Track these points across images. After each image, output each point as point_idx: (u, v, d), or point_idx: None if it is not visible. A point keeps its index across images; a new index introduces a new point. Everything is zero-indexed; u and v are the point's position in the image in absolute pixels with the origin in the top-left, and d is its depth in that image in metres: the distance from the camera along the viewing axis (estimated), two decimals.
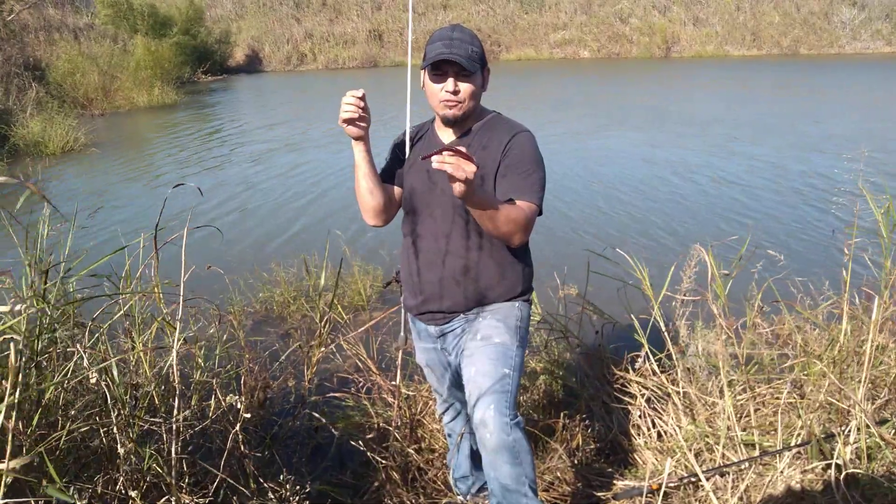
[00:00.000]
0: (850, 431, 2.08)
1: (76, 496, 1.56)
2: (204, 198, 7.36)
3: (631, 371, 2.67)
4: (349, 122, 1.72)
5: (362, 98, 1.71)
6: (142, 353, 2.04)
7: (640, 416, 2.56)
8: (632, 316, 2.63)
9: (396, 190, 1.97)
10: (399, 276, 2.09)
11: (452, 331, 1.99)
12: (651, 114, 12.62)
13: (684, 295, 2.60)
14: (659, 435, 2.49)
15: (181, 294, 1.96)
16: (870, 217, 2.51)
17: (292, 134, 11.70)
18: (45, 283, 1.84)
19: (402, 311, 2.12)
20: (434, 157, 1.47)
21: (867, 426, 2.06)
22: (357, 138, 1.77)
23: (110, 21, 18.96)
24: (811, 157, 8.50)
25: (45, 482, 1.35)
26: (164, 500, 1.77)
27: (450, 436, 2.33)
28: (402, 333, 2.18)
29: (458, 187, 1.50)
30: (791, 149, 9.07)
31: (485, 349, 1.85)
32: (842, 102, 13.47)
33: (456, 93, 1.79)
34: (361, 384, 2.81)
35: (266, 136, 11.56)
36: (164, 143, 11.16)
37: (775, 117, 11.74)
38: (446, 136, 1.92)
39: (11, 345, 1.35)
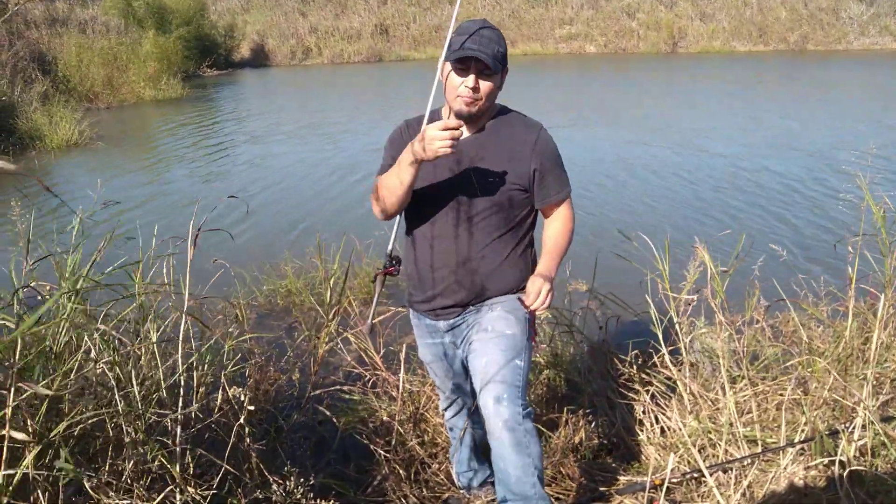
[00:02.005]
0: (854, 428, 2.08)
1: (84, 479, 1.57)
2: (216, 192, 7.40)
3: (635, 366, 2.67)
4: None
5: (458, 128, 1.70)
6: (148, 346, 2.05)
7: (643, 412, 2.56)
8: (639, 310, 2.62)
9: None
10: (387, 271, 2.06)
11: (461, 324, 2.00)
12: (647, 111, 12.57)
13: (688, 292, 2.59)
14: (662, 430, 2.49)
15: (187, 288, 1.96)
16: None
17: (295, 128, 11.70)
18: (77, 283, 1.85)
19: (375, 294, 2.08)
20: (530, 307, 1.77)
21: (872, 423, 2.05)
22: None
23: (116, 13, 18.92)
24: (816, 154, 8.46)
25: (62, 459, 1.36)
26: (168, 490, 1.78)
27: (451, 430, 2.34)
28: (369, 321, 2.11)
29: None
30: (795, 146, 9.02)
31: (495, 340, 1.86)
32: (848, 98, 13.38)
33: (476, 90, 1.81)
34: (366, 378, 2.82)
35: (269, 129, 11.57)
36: (170, 137, 11.18)
37: (779, 114, 11.67)
38: None
39: None
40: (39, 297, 1.94)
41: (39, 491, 1.56)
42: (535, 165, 1.89)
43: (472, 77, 1.79)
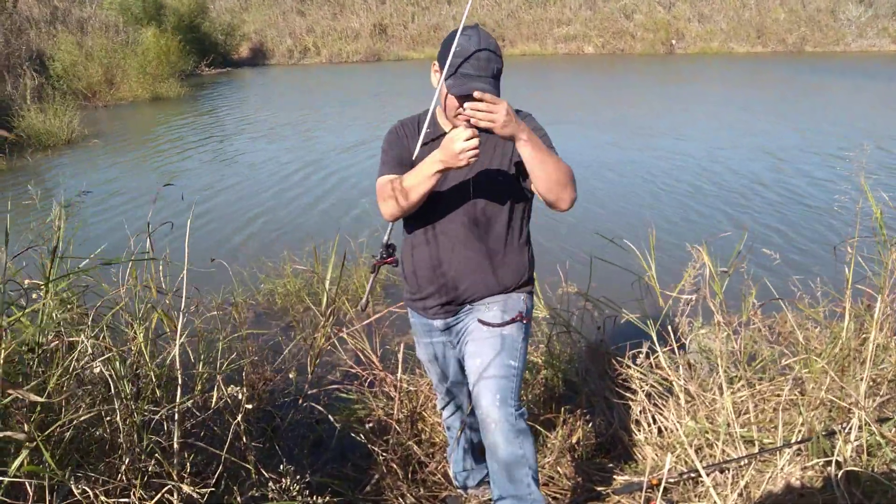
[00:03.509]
0: (851, 429, 2.08)
1: (72, 483, 1.56)
2: (205, 192, 7.39)
3: (632, 367, 2.67)
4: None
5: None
6: (143, 344, 2.05)
7: (640, 412, 2.57)
8: (636, 311, 2.62)
9: None
10: (385, 261, 2.04)
11: (457, 323, 2.00)
12: (640, 112, 12.59)
13: (685, 293, 2.60)
14: (659, 431, 2.50)
15: (184, 284, 1.96)
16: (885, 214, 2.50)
17: (295, 126, 11.69)
18: (51, 273, 1.84)
19: (371, 279, 2.05)
20: (466, 105, 1.64)
21: (868, 424, 2.06)
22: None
23: (114, 11, 18.86)
24: (812, 155, 8.48)
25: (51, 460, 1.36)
26: (165, 489, 1.77)
27: (449, 429, 2.34)
28: (363, 300, 2.07)
29: (498, 130, 1.64)
30: (791, 147, 9.04)
31: (490, 341, 1.87)
32: (844, 100, 13.41)
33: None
34: (363, 377, 2.82)
35: (266, 128, 11.56)
36: (166, 135, 11.17)
37: (774, 115, 11.70)
38: None
39: None
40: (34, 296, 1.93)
41: (31, 491, 1.55)
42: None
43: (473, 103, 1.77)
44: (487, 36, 1.81)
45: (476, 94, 1.62)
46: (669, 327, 2.61)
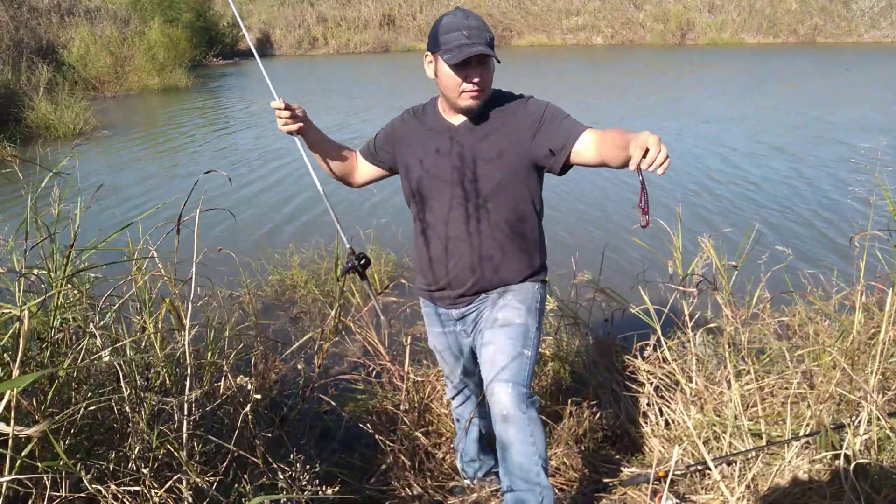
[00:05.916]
0: (860, 422, 2.07)
1: (83, 472, 1.57)
2: (218, 181, 7.39)
3: (640, 359, 2.66)
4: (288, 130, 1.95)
5: (286, 107, 1.92)
6: (153, 334, 2.06)
7: (647, 405, 2.56)
8: (646, 302, 2.61)
9: (367, 166, 2.12)
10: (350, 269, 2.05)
11: (472, 312, 2.01)
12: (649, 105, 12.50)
13: (693, 286, 2.58)
14: (666, 423, 2.49)
15: (194, 274, 1.97)
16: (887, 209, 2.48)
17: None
18: (65, 264, 1.85)
19: (373, 298, 2.11)
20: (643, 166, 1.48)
21: (878, 418, 2.05)
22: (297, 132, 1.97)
23: (124, 3, 18.89)
24: (826, 147, 8.40)
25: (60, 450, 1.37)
26: (175, 477, 1.79)
27: (458, 420, 2.34)
28: (381, 318, 2.14)
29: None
30: (805, 139, 8.96)
31: (505, 329, 1.87)
32: (859, 92, 13.26)
33: (480, 84, 1.80)
34: (370, 368, 2.83)
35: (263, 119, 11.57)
36: (176, 126, 11.20)
37: (787, 107, 11.58)
38: (456, 120, 1.91)
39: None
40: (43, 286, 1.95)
41: (45, 479, 1.57)
42: (533, 132, 1.84)
43: (475, 72, 1.78)
44: (473, 13, 1.84)
45: (638, 160, 1.48)
46: (677, 320, 2.60)
